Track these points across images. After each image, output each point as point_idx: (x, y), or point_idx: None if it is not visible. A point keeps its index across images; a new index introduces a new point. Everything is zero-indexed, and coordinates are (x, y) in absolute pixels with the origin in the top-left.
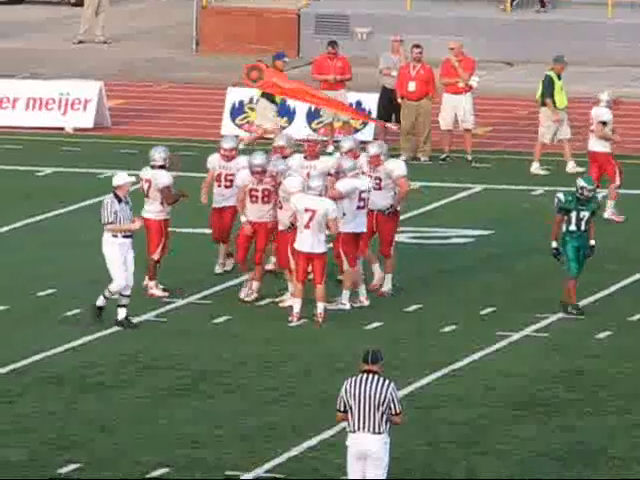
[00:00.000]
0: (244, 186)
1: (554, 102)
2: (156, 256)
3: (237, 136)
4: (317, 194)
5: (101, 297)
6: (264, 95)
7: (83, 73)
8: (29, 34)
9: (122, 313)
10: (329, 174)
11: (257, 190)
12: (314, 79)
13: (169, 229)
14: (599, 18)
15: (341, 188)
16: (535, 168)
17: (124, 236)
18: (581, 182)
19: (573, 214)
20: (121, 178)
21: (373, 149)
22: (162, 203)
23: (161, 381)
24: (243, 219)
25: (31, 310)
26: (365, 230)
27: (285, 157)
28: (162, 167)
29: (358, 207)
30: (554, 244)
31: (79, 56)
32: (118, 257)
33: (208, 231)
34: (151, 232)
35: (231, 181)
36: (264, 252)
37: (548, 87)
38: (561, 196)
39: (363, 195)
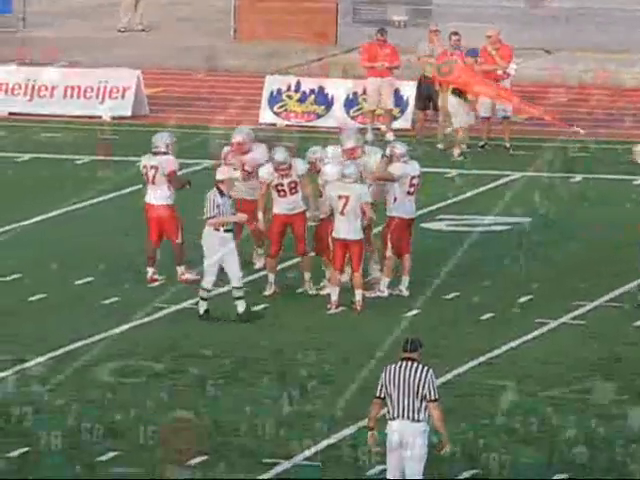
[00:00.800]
0: (270, 182)
1: None
2: (180, 239)
3: (274, 124)
4: (351, 181)
5: (200, 301)
6: (454, 92)
7: (121, 61)
8: (67, 22)
9: (241, 306)
10: (382, 156)
11: (283, 184)
12: (362, 66)
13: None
14: (637, 5)
15: (393, 171)
16: None
17: (226, 230)
18: None
19: None
20: (224, 172)
21: (350, 142)
22: (169, 188)
23: (200, 369)
24: (260, 215)
25: (68, 298)
26: (414, 217)
27: (245, 153)
28: (165, 153)
29: (408, 192)
30: None
31: (117, 44)
32: (215, 251)
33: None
34: (166, 218)
35: (249, 173)
36: (305, 241)
37: None
38: None
39: (414, 181)
